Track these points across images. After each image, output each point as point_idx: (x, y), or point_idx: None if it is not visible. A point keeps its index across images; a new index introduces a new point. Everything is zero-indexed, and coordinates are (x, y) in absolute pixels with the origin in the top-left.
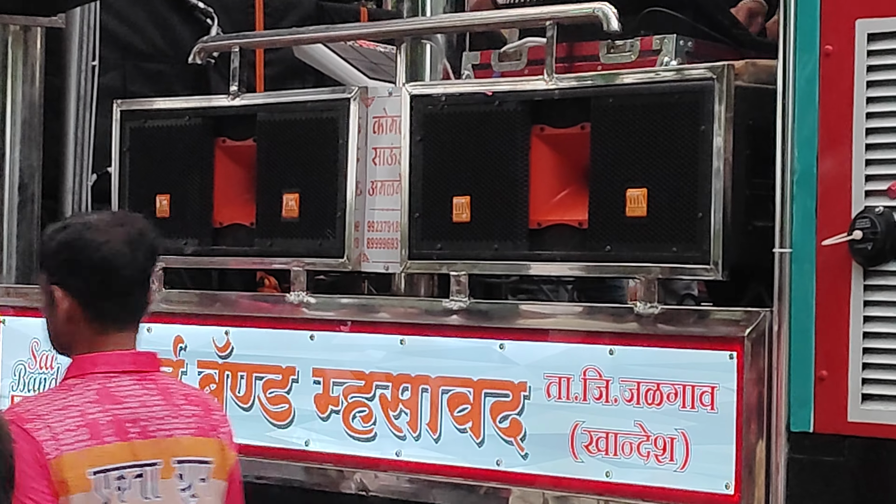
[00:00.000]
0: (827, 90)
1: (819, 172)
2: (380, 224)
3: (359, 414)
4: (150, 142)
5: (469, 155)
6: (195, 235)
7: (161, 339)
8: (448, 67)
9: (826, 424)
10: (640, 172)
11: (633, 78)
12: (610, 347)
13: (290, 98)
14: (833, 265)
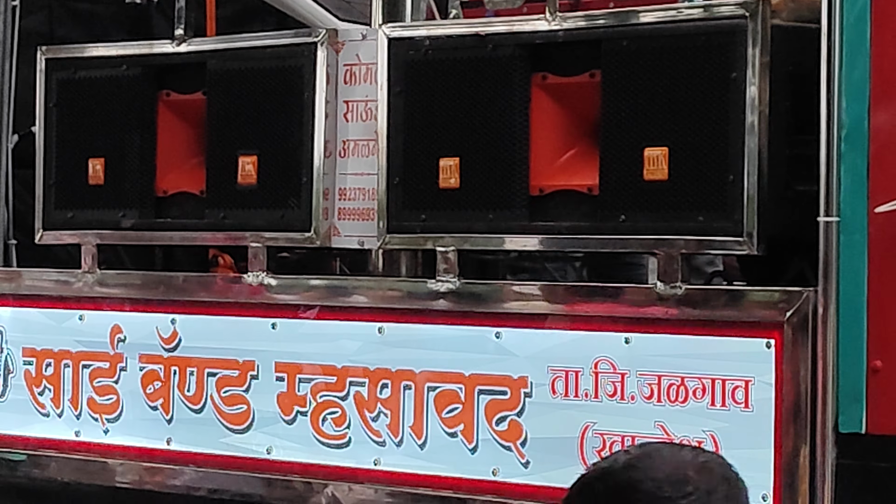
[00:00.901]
0: (880, 29)
1: (871, 127)
2: (353, 191)
3: (330, 416)
4: (82, 96)
5: (458, 109)
6: (135, 206)
7: (95, 328)
8: (433, 5)
9: (881, 424)
10: (659, 129)
11: (652, 17)
12: (626, 335)
13: (246, 43)
14: (888, 236)
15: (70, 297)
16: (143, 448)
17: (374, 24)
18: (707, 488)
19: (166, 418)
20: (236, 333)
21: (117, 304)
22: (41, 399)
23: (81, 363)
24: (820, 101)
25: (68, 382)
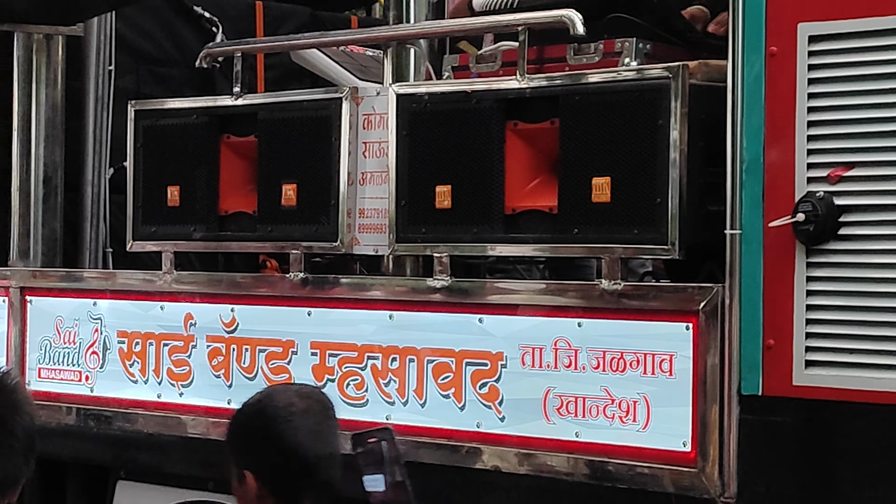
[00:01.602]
0: (772, 87)
1: (766, 161)
2: (370, 211)
3: (352, 382)
4: (162, 138)
5: (450, 148)
6: (203, 223)
7: (173, 316)
8: (430, 69)
9: (773, 388)
10: (604, 162)
11: (598, 77)
12: (578, 320)
13: (288, 98)
14: (778, 245)
15: (153, 292)
16: (210, 407)
17: (385, 83)
18: (305, 407)
19: (227, 384)
20: (280, 319)
21: (189, 298)
22: (131, 369)
23: (162, 342)
24: (726, 142)
25: (152, 357)
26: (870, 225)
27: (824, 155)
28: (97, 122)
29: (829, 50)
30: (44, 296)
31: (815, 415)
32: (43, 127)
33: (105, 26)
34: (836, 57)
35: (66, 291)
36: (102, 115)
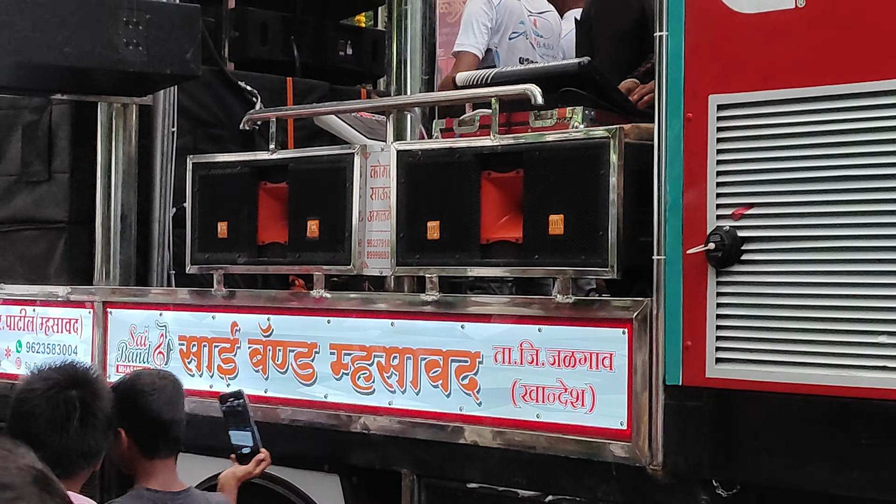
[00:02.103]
0: (689, 145)
1: (684, 203)
2: (376, 241)
3: (362, 375)
4: (213, 185)
5: (438, 192)
6: (245, 250)
7: (222, 324)
8: (423, 131)
9: (690, 379)
10: (558, 203)
11: (554, 137)
12: (538, 326)
13: (312, 153)
14: (694, 268)
15: (206, 305)
16: (251, 395)
17: (388, 141)
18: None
19: (264, 377)
20: (306, 326)
21: (235, 309)
22: (189, 366)
23: (213, 344)
24: (653, 187)
25: (205, 356)
26: (765, 252)
27: (729, 197)
28: (163, 172)
29: (732, 115)
30: (121, 308)
31: (722, 400)
32: (120, 176)
33: (169, 97)
34: (738, 121)
35: (138, 305)
36: (167, 166)
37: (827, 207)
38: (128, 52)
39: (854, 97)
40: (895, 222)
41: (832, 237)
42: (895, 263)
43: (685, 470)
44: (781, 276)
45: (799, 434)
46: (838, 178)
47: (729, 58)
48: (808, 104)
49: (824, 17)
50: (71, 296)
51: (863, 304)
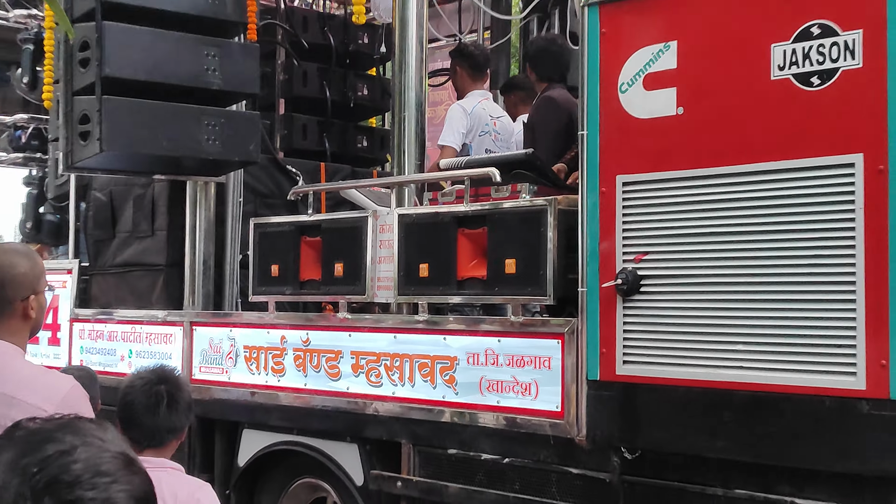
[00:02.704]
0: (603, 210)
1: (599, 251)
2: (383, 278)
3: (373, 373)
4: (269, 239)
5: (426, 243)
6: (291, 285)
7: (274, 337)
8: (416, 200)
9: (605, 376)
10: (512, 251)
11: (508, 205)
12: (498, 338)
13: (339, 216)
14: (607, 296)
15: (263, 324)
16: (294, 387)
17: (392, 207)
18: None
19: (304, 375)
20: (333, 339)
21: (283, 326)
22: (251, 367)
23: (268, 351)
24: (578, 241)
25: (262, 360)
26: (657, 285)
27: (631, 247)
28: (232, 229)
29: (632, 189)
30: (202, 326)
31: (627, 390)
32: (202, 232)
33: (237, 176)
34: (636, 193)
35: (215, 323)
36: (235, 225)
37: (698, 254)
38: (208, 146)
39: (716, 177)
40: (744, 265)
41: (701, 275)
42: (746, 294)
43: (601, 440)
44: (668, 302)
45: (681, 414)
46: (705, 233)
47: (629, 149)
48: (684, 181)
49: (696, 121)
50: (167, 317)
51: (724, 322)
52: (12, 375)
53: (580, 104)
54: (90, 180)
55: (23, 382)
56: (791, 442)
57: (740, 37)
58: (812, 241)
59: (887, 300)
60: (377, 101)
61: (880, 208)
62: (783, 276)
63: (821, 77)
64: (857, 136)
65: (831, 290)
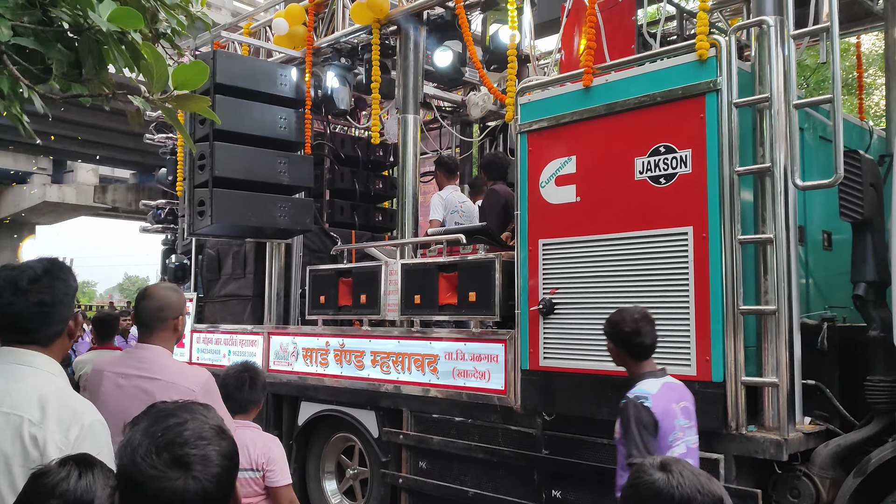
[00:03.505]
0: (530, 261)
1: (528, 287)
2: (391, 303)
3: (385, 365)
4: (318, 279)
5: (419, 282)
6: (332, 308)
7: (321, 342)
8: (413, 254)
9: (532, 366)
10: (473, 287)
11: (470, 258)
12: (465, 343)
13: (363, 265)
14: (533, 316)
15: (314, 333)
16: (334, 374)
17: (397, 259)
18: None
19: (340, 367)
20: (360, 343)
21: (327, 335)
22: (306, 361)
23: (317, 351)
24: (515, 280)
25: (314, 357)
26: (563, 309)
27: (548, 285)
28: (295, 273)
29: (548, 247)
30: (276, 335)
31: (546, 376)
32: (276, 275)
33: (298, 239)
34: (551, 250)
35: (284, 332)
36: (297, 271)
37: (589, 288)
38: (280, 220)
39: (601, 240)
40: (619, 295)
41: (592, 302)
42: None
43: (530, 407)
44: (571, 319)
45: (579, 391)
46: (594, 275)
47: (547, 222)
48: (581, 242)
49: (588, 205)
50: (253, 329)
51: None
52: (170, 369)
53: (516, 194)
54: (205, 241)
55: (177, 372)
56: None
57: (615, 153)
58: (662, 280)
59: (708, 319)
60: (388, 191)
61: (704, 260)
62: (644, 302)
63: (666, 178)
64: (689, 215)
65: (675, 312)
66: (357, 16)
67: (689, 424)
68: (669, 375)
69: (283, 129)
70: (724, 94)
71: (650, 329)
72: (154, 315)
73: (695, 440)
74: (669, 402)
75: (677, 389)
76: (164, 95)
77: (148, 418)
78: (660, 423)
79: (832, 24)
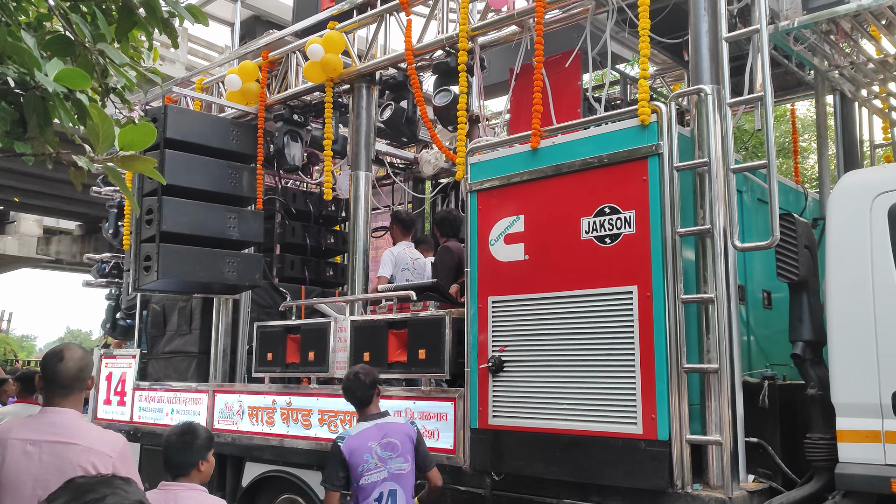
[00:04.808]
0: (480, 318)
1: (478, 343)
2: (340, 361)
3: (333, 424)
4: (266, 335)
5: (368, 339)
6: (280, 366)
7: (268, 400)
8: (363, 311)
9: (482, 425)
10: (423, 344)
11: (421, 315)
12: (414, 401)
13: (312, 321)
14: (483, 374)
15: (261, 391)
16: (280, 434)
17: (346, 315)
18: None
19: (287, 426)
20: (307, 402)
21: (275, 393)
22: (252, 420)
23: (263, 410)
24: (465, 338)
25: (260, 416)
26: (512, 367)
27: (497, 341)
28: (243, 328)
29: (498, 304)
30: (221, 393)
31: (495, 435)
32: (223, 331)
33: (247, 294)
34: (500, 307)
35: (229, 391)
36: (245, 326)
37: (538, 346)
38: (228, 275)
39: (549, 297)
40: (567, 353)
41: (540, 359)
42: (568, 372)
43: (479, 467)
44: (520, 377)
45: (529, 450)
46: (542, 333)
47: (496, 279)
48: (529, 300)
49: (536, 263)
50: (198, 387)
51: (554, 389)
52: (88, 432)
53: (466, 251)
54: (150, 296)
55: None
56: (599, 467)
57: (562, 213)
58: (608, 337)
59: (653, 378)
60: (339, 246)
61: (648, 319)
62: (591, 360)
63: (611, 238)
64: (633, 275)
65: (621, 370)
66: (310, 75)
67: (391, 456)
68: (389, 417)
69: (234, 184)
70: (666, 157)
71: (358, 385)
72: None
73: (403, 467)
74: (366, 441)
75: (385, 428)
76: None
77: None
78: (348, 458)
79: (766, 94)
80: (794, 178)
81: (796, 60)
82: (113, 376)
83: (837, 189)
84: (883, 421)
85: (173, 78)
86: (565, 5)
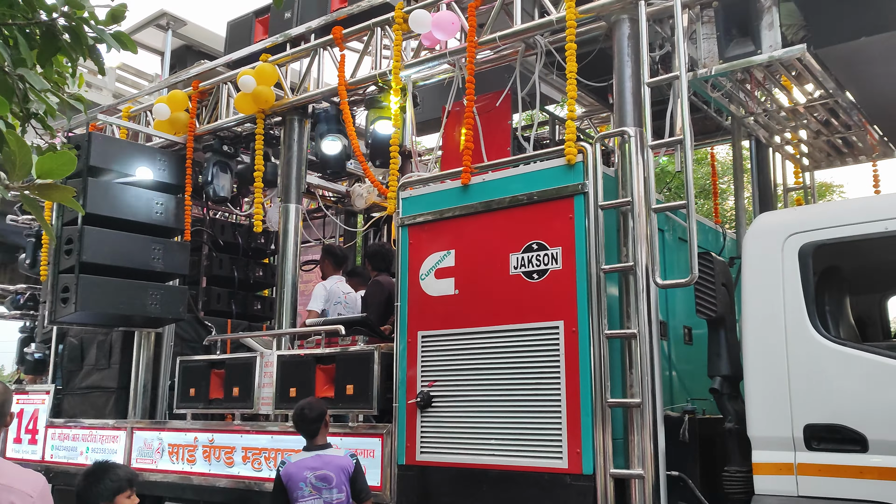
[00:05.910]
0: (409, 353)
1: (406, 379)
2: (266, 397)
3: (257, 462)
4: (189, 370)
5: (295, 374)
6: (203, 402)
7: (189, 437)
8: (290, 346)
9: (409, 461)
10: (351, 380)
11: (351, 349)
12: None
13: (237, 356)
14: (411, 409)
15: (182, 428)
16: (203, 472)
17: (273, 350)
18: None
19: (209, 464)
20: (231, 439)
21: (197, 430)
22: (172, 459)
23: (185, 448)
24: (393, 373)
25: (181, 454)
26: (441, 402)
27: (426, 376)
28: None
29: (427, 339)
30: (140, 430)
31: (423, 470)
32: (144, 365)
33: (170, 328)
34: (430, 342)
35: (148, 428)
36: (167, 362)
37: (466, 381)
38: (151, 308)
39: (478, 332)
40: (495, 388)
41: (469, 395)
42: (496, 407)
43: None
44: (448, 412)
45: (456, 485)
46: (471, 367)
47: (426, 314)
48: (459, 335)
49: (466, 298)
50: (115, 424)
51: (482, 425)
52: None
53: (397, 286)
54: (67, 330)
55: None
56: (526, 503)
57: (491, 248)
58: (535, 372)
59: (579, 412)
60: (268, 279)
61: (574, 354)
62: (519, 395)
63: (538, 274)
64: (560, 310)
65: (547, 405)
66: (241, 106)
67: (326, 486)
68: (331, 449)
69: (160, 215)
70: (591, 196)
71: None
72: None
73: (339, 496)
74: (303, 470)
75: (323, 459)
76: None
77: None
78: (286, 483)
79: (685, 137)
80: (714, 218)
81: (714, 106)
82: (24, 413)
83: (752, 229)
84: (795, 454)
85: (100, 105)
86: (496, 47)
